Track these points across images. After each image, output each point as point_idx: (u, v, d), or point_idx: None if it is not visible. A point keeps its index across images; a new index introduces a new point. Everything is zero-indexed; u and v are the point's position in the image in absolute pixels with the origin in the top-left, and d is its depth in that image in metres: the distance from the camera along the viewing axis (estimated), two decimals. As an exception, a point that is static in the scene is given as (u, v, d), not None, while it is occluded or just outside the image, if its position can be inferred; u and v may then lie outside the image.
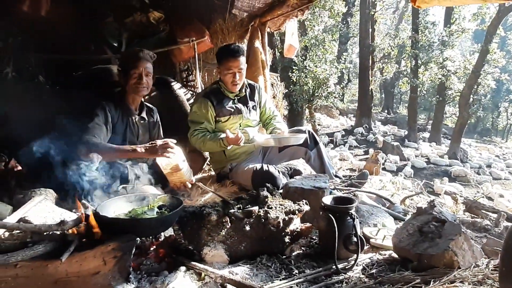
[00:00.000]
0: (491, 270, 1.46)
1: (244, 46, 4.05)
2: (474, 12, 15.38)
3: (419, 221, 1.71)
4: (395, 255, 1.71)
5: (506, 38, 21.36)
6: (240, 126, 2.85)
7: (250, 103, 2.92)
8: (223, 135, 2.63)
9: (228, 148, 2.70)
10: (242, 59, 2.73)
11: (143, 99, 2.58)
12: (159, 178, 2.37)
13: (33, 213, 1.67)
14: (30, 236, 1.37)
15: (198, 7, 4.13)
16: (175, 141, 2.16)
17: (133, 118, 2.49)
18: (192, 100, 3.64)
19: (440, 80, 15.27)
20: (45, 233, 1.39)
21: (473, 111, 14.19)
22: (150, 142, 2.19)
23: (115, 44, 3.77)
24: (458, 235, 1.50)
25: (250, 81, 3.02)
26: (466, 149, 14.54)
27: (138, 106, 2.55)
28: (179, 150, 2.19)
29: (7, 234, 1.61)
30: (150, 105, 2.69)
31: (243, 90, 2.88)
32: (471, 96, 13.84)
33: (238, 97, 2.87)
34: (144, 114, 2.58)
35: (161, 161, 2.20)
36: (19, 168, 2.37)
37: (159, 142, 2.13)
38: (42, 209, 1.72)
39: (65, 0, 3.32)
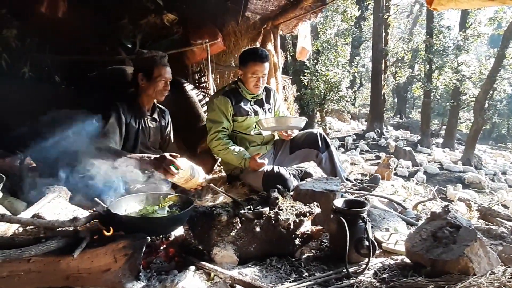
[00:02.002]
0: (508, 278, 1.41)
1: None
2: (490, 17, 15.15)
3: (433, 226, 1.67)
4: (407, 260, 1.68)
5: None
6: (255, 127, 2.88)
7: (266, 106, 2.97)
8: (248, 155, 2.67)
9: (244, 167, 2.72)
10: (267, 65, 2.78)
11: (155, 101, 2.61)
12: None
13: (46, 209, 1.70)
14: (44, 232, 1.40)
15: (211, 10, 4.17)
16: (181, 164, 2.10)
17: (145, 119, 2.52)
18: (204, 102, 3.67)
19: (454, 85, 15.02)
20: (58, 229, 1.41)
21: (488, 116, 13.85)
22: (160, 155, 2.11)
23: (129, 45, 3.82)
24: (474, 241, 1.46)
25: (266, 84, 3.04)
26: (481, 155, 14.22)
27: (151, 108, 2.58)
28: (185, 160, 2.14)
29: (21, 229, 1.65)
30: (162, 107, 2.72)
31: (260, 93, 2.92)
32: (486, 101, 13.54)
33: (255, 99, 2.91)
34: (156, 115, 2.61)
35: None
36: (34, 165, 2.41)
37: (167, 155, 2.06)
38: (56, 206, 1.75)
39: (81, 1, 3.38)
